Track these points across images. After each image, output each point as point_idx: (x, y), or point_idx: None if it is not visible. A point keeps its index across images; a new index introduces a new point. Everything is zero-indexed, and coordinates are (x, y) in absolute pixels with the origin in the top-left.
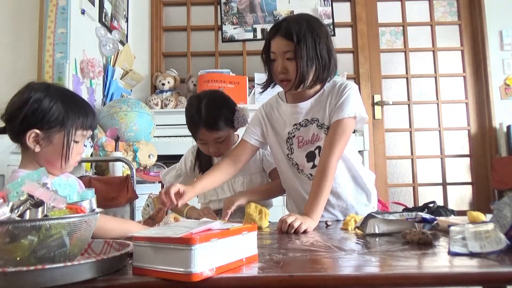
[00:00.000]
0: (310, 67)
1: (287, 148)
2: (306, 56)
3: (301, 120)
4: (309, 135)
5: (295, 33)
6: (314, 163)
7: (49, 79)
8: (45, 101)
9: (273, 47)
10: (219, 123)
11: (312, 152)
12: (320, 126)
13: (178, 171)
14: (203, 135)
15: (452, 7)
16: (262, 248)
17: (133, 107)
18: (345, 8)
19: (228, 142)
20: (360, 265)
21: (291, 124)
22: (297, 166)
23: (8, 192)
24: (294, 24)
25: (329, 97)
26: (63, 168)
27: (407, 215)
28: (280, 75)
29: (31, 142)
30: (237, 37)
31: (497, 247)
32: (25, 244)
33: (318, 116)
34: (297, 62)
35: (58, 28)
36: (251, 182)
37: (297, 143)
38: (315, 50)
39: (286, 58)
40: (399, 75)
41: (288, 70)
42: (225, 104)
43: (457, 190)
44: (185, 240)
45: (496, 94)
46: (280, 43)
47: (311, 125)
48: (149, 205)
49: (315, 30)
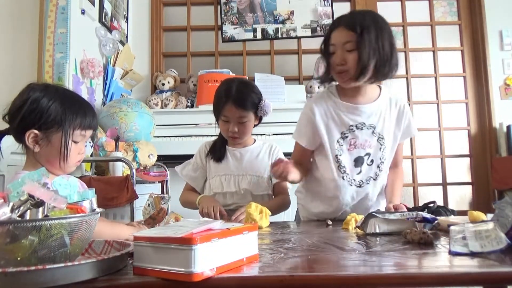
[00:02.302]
0: (372, 59)
1: (337, 149)
2: (367, 46)
3: (358, 122)
4: (362, 140)
5: (358, 23)
6: (361, 168)
7: (49, 79)
8: (43, 101)
9: (333, 39)
10: (246, 102)
11: (361, 157)
12: (375, 134)
13: (194, 165)
14: (229, 111)
15: (452, 7)
16: (262, 247)
17: (133, 107)
18: (345, 8)
19: (247, 126)
20: (360, 264)
21: (347, 124)
22: (344, 169)
23: (9, 192)
24: (358, 15)
25: (390, 111)
26: (63, 168)
27: (408, 214)
28: (338, 67)
29: (31, 142)
30: (237, 37)
31: (498, 246)
32: (25, 244)
33: (376, 124)
34: (358, 53)
35: (58, 28)
36: (257, 184)
37: (348, 145)
38: (377, 42)
39: (346, 50)
40: (399, 75)
41: (346, 61)
42: (254, 90)
43: (457, 190)
44: (186, 240)
45: (496, 94)
46: (341, 34)
47: (367, 130)
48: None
49: (378, 23)
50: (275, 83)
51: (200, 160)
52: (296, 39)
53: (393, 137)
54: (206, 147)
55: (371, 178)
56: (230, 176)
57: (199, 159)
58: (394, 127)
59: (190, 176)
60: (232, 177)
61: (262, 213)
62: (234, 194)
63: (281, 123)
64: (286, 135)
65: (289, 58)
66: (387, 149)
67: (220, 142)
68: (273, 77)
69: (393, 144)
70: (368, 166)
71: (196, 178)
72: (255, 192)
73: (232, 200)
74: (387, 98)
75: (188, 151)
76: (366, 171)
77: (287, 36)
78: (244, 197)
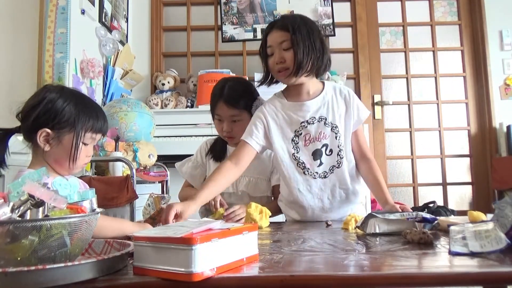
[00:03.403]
0: (307, 55)
1: (293, 147)
2: (302, 44)
3: (309, 118)
4: (316, 133)
5: (290, 24)
6: (320, 160)
7: (49, 79)
8: (58, 102)
9: (269, 41)
10: (237, 101)
11: (318, 149)
12: (328, 124)
13: (194, 162)
14: (221, 109)
15: (452, 7)
16: (262, 247)
17: (133, 107)
18: (345, 8)
19: (241, 125)
20: (360, 265)
21: (297, 122)
22: (303, 165)
23: (9, 192)
24: (289, 17)
25: (337, 100)
26: (71, 169)
27: (408, 214)
28: (277, 66)
29: (42, 141)
30: (237, 37)
31: (498, 246)
32: (25, 244)
33: (326, 115)
34: (294, 50)
35: (58, 28)
36: (256, 186)
37: (303, 140)
38: (310, 39)
39: (283, 49)
40: (399, 75)
41: (285, 59)
42: (247, 89)
43: (457, 190)
44: (186, 240)
45: (496, 94)
46: (276, 35)
47: (319, 123)
48: (150, 204)
49: (307, 23)
50: None
51: (200, 158)
52: None
53: (344, 125)
54: (207, 145)
55: (334, 167)
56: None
57: (199, 157)
58: (344, 115)
59: (189, 173)
60: None
61: (262, 213)
62: (231, 195)
63: None
64: None
65: None
66: (342, 138)
67: (221, 141)
68: None
69: (345, 132)
70: (327, 156)
71: (195, 176)
72: (253, 194)
73: (230, 201)
74: (331, 88)
75: (188, 151)
76: (326, 161)
77: None
78: (242, 198)
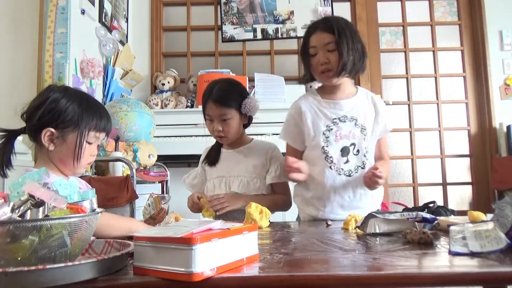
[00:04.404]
0: (350, 56)
1: (323, 141)
2: (346, 46)
3: (341, 115)
4: (346, 131)
5: (335, 26)
6: (347, 158)
7: (49, 79)
8: (62, 101)
9: (313, 41)
10: (226, 100)
11: (347, 147)
12: (358, 125)
13: (195, 172)
14: (210, 109)
15: (452, 7)
16: (262, 247)
17: (133, 107)
18: (345, 8)
19: (232, 124)
20: (360, 264)
21: (330, 118)
22: (331, 159)
23: (9, 192)
24: (333, 19)
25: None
26: (76, 168)
27: (408, 214)
28: (322, 66)
29: (46, 141)
30: (237, 37)
31: (498, 246)
32: (26, 244)
33: (357, 116)
34: (339, 52)
35: (58, 28)
36: (248, 185)
37: (334, 136)
38: (353, 42)
39: (327, 50)
40: (399, 75)
41: (330, 60)
42: (236, 88)
43: (457, 190)
44: (186, 240)
45: (496, 94)
46: (321, 36)
47: (350, 122)
48: (150, 204)
49: (350, 26)
50: (275, 83)
51: (200, 166)
52: (296, 39)
53: (372, 130)
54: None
55: (359, 167)
56: (222, 178)
57: (199, 166)
58: (373, 121)
59: (190, 183)
60: (224, 179)
61: (262, 213)
62: None
63: (281, 123)
64: None
65: (289, 58)
66: (368, 140)
67: (215, 146)
68: (273, 77)
69: (372, 136)
70: (354, 155)
71: (195, 185)
72: (246, 193)
73: None
74: (364, 93)
75: (188, 151)
76: (353, 160)
77: (287, 36)
78: None
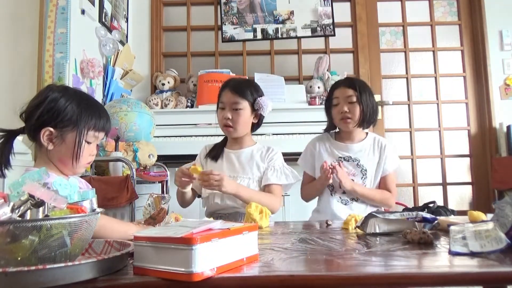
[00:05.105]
0: (367, 110)
1: None
2: (365, 101)
3: (346, 156)
4: (347, 169)
5: (357, 84)
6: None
7: (49, 79)
8: (61, 100)
9: (337, 93)
10: (241, 90)
11: None
12: (359, 166)
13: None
14: (225, 96)
15: (452, 7)
16: (262, 248)
17: (133, 107)
18: (345, 8)
19: (242, 114)
20: (360, 264)
21: (337, 156)
22: (332, 187)
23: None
24: (354, 79)
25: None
26: (75, 168)
27: (408, 214)
28: (341, 115)
29: (45, 140)
30: (237, 37)
31: (498, 246)
32: (26, 244)
33: (360, 158)
34: (360, 105)
35: (58, 28)
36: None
37: None
38: (370, 98)
39: (349, 102)
40: (399, 75)
41: (349, 110)
42: (253, 84)
43: (457, 190)
44: (186, 240)
45: (496, 94)
46: (344, 90)
47: (353, 163)
48: (150, 204)
49: (367, 86)
50: (275, 83)
51: (199, 162)
52: (296, 39)
53: (374, 171)
54: (206, 149)
55: (353, 200)
56: None
57: (198, 161)
58: (376, 164)
59: None
60: None
61: (262, 213)
62: (223, 195)
63: (281, 123)
64: (286, 135)
65: (289, 58)
66: (368, 179)
67: (220, 144)
68: (273, 77)
69: (374, 176)
70: None
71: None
72: None
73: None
74: (372, 139)
75: (188, 151)
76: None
77: (287, 36)
78: (235, 199)
